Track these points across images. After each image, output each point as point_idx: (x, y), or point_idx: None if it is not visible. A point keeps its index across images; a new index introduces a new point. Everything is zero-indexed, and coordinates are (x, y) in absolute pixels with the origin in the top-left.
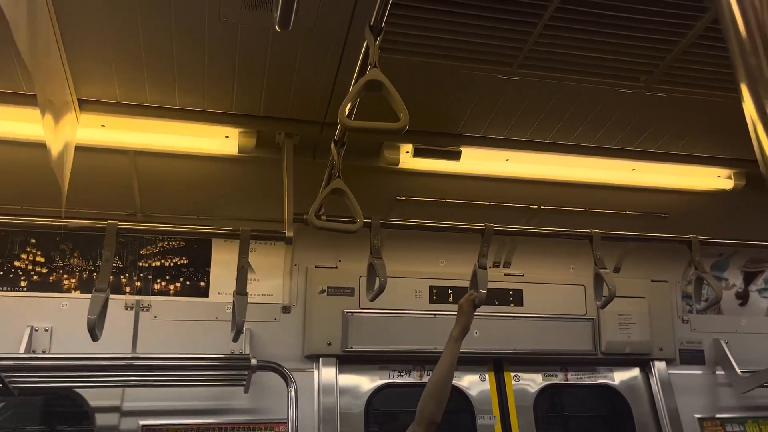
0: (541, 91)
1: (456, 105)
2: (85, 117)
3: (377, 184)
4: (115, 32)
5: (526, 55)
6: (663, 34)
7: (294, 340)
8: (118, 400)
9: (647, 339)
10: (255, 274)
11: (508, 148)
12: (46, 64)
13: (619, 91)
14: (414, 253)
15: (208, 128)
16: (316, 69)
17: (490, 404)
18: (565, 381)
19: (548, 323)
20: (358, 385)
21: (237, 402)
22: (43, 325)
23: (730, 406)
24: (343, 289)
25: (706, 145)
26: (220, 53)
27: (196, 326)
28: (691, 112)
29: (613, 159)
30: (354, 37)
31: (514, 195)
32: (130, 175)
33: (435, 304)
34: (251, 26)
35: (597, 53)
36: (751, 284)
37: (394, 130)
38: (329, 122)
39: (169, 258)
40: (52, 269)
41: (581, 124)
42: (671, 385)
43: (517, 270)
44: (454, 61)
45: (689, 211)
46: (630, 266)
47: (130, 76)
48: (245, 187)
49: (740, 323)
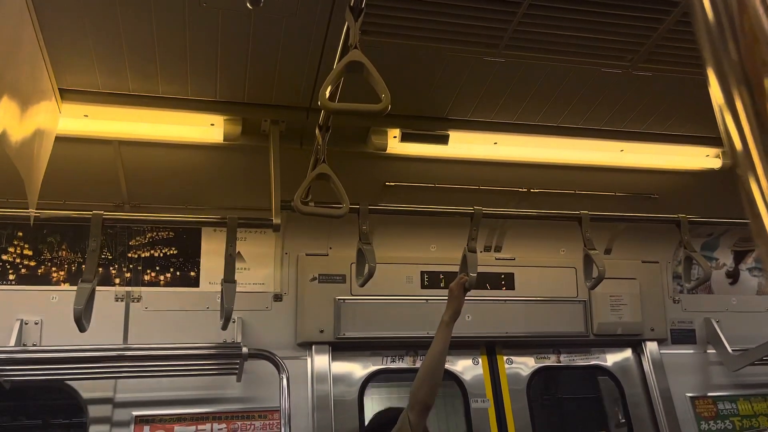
0: (527, 72)
1: (442, 88)
2: (67, 107)
3: (365, 170)
4: (94, 20)
5: (511, 36)
6: (648, 12)
7: (286, 328)
8: (110, 391)
9: (639, 320)
10: (246, 263)
11: (496, 131)
12: (12, 51)
13: (606, 71)
14: (404, 239)
15: (192, 116)
16: (300, 54)
17: (483, 388)
18: (558, 363)
19: (540, 306)
20: (351, 371)
21: (230, 391)
22: (32, 318)
23: (722, 384)
24: (334, 277)
25: (694, 125)
26: (201, 39)
27: (187, 316)
28: (677, 91)
29: (601, 140)
30: (337, 21)
31: (503, 178)
32: (116, 166)
33: (426, 290)
34: (232, 9)
35: (582, 33)
36: (741, 263)
37: (375, 112)
38: (315, 108)
39: (158, 248)
40: (41, 262)
41: (568, 105)
42: (663, 365)
43: (508, 254)
44: (439, 43)
45: (678, 191)
46: (620, 248)
47: (112, 64)
48: (232, 176)
49: (731, 302)
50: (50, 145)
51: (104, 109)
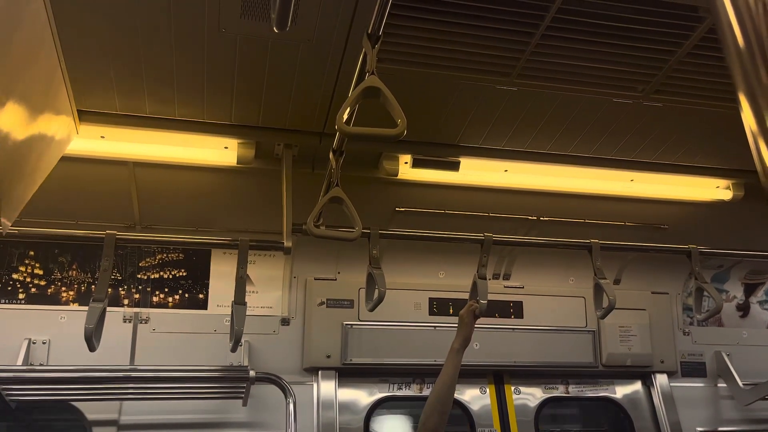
0: (538, 101)
1: (454, 115)
2: (85, 128)
3: (376, 195)
4: (115, 43)
5: (524, 65)
6: (660, 44)
7: (293, 352)
8: (115, 413)
9: (648, 351)
10: (254, 287)
11: (507, 158)
12: (27, 66)
13: (617, 101)
14: (413, 265)
15: (207, 139)
16: (315, 80)
17: (490, 418)
18: (566, 394)
19: (548, 335)
20: (357, 398)
21: (235, 415)
22: (40, 337)
23: (732, 418)
24: (342, 302)
25: (705, 156)
26: (219, 64)
27: (194, 339)
28: (688, 122)
29: (611, 169)
30: (352, 48)
31: (512, 206)
32: (129, 187)
33: (434, 316)
34: (250, 36)
35: (594, 63)
36: (752, 296)
37: (392, 136)
38: (328, 133)
39: (168, 270)
40: (51, 282)
41: (579, 134)
42: (673, 398)
43: (517, 282)
44: (452, 71)
45: (688, 222)
46: (630, 278)
47: (130, 86)
48: (244, 199)
49: (741, 335)
50: (53, 162)
51: (121, 130)
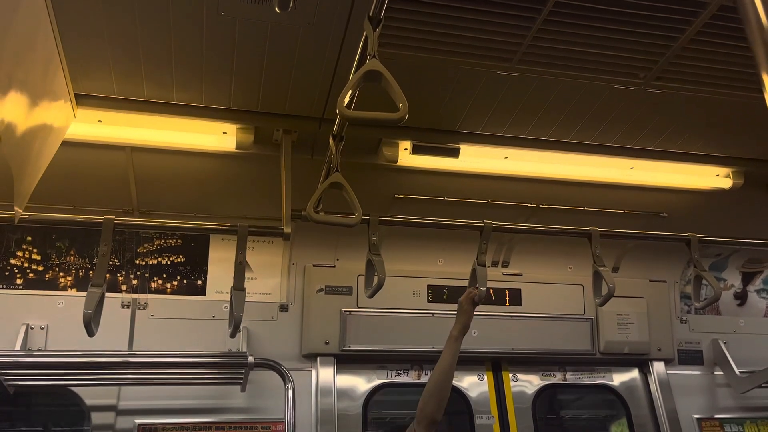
0: (539, 87)
1: (454, 101)
2: (82, 112)
3: (375, 181)
4: (112, 26)
5: (525, 51)
6: (662, 30)
7: (291, 339)
8: (114, 398)
9: (646, 339)
10: (253, 273)
11: (507, 145)
12: (25, 51)
13: (618, 87)
14: (412, 252)
15: (205, 124)
16: (315, 65)
17: (488, 404)
18: (564, 381)
19: (547, 323)
20: (355, 385)
21: (234, 401)
22: (38, 323)
23: (729, 406)
24: (340, 288)
25: (705, 143)
26: (218, 48)
27: (192, 325)
28: (689, 109)
29: (611, 157)
30: (353, 33)
31: (512, 193)
32: (127, 172)
33: (433, 304)
34: (249, 19)
35: (595, 49)
36: (750, 284)
37: (393, 120)
38: (328, 118)
39: (166, 256)
40: (49, 267)
41: (580, 121)
42: (670, 386)
43: (516, 269)
44: (453, 56)
45: (688, 211)
46: (628, 266)
47: (128, 70)
48: (243, 184)
49: (739, 324)
50: (54, 148)
51: (118, 114)
